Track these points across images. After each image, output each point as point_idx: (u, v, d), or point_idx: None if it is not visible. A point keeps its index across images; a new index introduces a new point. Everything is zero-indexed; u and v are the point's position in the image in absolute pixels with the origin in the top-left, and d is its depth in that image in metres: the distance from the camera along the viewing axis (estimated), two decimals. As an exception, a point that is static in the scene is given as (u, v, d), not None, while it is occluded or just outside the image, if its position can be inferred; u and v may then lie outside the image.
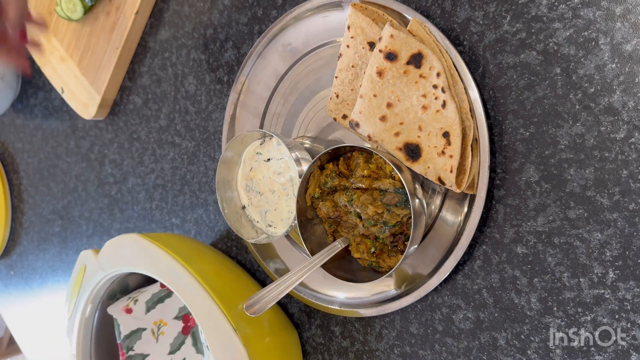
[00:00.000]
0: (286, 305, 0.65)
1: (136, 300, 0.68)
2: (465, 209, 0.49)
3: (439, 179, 0.47)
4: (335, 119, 0.55)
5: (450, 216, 0.50)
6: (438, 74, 0.46)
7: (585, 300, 0.43)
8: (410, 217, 0.46)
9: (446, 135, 0.46)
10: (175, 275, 0.57)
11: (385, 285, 0.54)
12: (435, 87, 0.46)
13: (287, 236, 0.63)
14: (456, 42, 0.49)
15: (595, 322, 0.43)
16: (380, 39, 0.48)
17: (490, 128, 0.47)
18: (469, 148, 0.46)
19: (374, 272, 0.52)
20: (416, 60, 0.47)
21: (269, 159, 0.60)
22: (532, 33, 0.45)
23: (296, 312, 0.64)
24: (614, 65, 0.42)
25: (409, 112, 0.48)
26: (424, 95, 0.47)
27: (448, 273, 0.48)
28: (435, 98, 0.46)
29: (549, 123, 0.45)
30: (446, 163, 0.46)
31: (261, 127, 0.64)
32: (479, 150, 0.46)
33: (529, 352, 0.47)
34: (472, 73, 0.46)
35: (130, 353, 0.66)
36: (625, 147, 0.41)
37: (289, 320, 0.64)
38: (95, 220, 0.91)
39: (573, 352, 0.44)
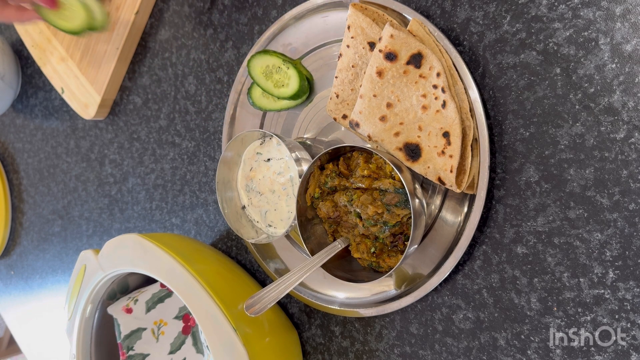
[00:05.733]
0: (286, 305, 0.65)
1: (136, 300, 0.68)
2: (465, 209, 0.49)
3: (439, 179, 0.47)
4: (335, 119, 0.55)
5: (450, 216, 0.50)
6: (438, 74, 0.46)
7: (585, 300, 0.43)
8: (410, 217, 0.46)
9: (446, 135, 0.46)
10: (175, 275, 0.57)
11: (385, 285, 0.54)
12: (435, 87, 0.46)
13: (287, 236, 0.63)
14: (456, 42, 0.49)
15: (595, 322, 0.43)
16: (380, 39, 0.48)
17: (490, 128, 0.47)
18: (469, 148, 0.46)
19: (374, 272, 0.52)
20: (416, 60, 0.47)
21: (269, 159, 0.60)
22: (532, 33, 0.45)
23: (296, 312, 0.64)
24: (614, 65, 0.42)
25: (408, 112, 0.48)
26: (424, 95, 0.47)
27: (448, 273, 0.48)
28: (435, 98, 0.46)
29: (549, 123, 0.45)
30: (446, 163, 0.46)
31: (261, 127, 0.64)
32: (479, 150, 0.46)
33: (529, 352, 0.47)
34: (472, 73, 0.46)
35: (131, 353, 0.66)
36: (625, 147, 0.41)
37: (289, 320, 0.64)
38: (95, 220, 0.91)
39: (573, 352, 0.44)
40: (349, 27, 0.51)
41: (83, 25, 0.62)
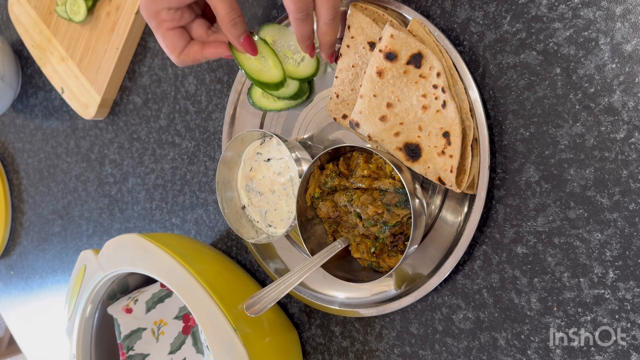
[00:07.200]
0: (286, 305, 0.65)
1: (136, 300, 0.68)
2: (465, 209, 0.49)
3: (439, 179, 0.47)
4: (335, 119, 0.55)
5: (450, 216, 0.50)
6: (438, 74, 0.46)
7: (585, 300, 0.43)
8: (410, 217, 0.46)
9: (446, 135, 0.46)
10: (175, 275, 0.57)
11: (385, 285, 0.54)
12: (435, 87, 0.46)
13: (287, 236, 0.63)
14: (456, 42, 0.49)
15: (595, 322, 0.43)
16: (380, 39, 0.48)
17: (490, 128, 0.47)
18: (469, 148, 0.46)
19: (374, 272, 0.52)
20: (416, 60, 0.47)
21: (269, 159, 0.60)
22: (532, 33, 0.45)
23: (296, 312, 0.64)
24: (614, 65, 0.42)
25: (408, 112, 0.48)
26: (424, 95, 0.47)
27: (448, 273, 0.48)
28: (435, 98, 0.46)
29: (549, 123, 0.45)
30: (446, 163, 0.46)
31: (261, 127, 0.64)
32: (479, 150, 0.46)
33: (529, 352, 0.47)
34: (472, 73, 0.46)
35: (131, 353, 0.66)
36: (625, 147, 0.41)
37: (289, 320, 0.64)
38: (95, 220, 0.91)
39: (573, 352, 0.44)
40: (349, 27, 0.51)
41: (271, 81, 0.57)
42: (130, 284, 0.72)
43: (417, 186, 0.48)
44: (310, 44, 0.52)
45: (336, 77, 0.53)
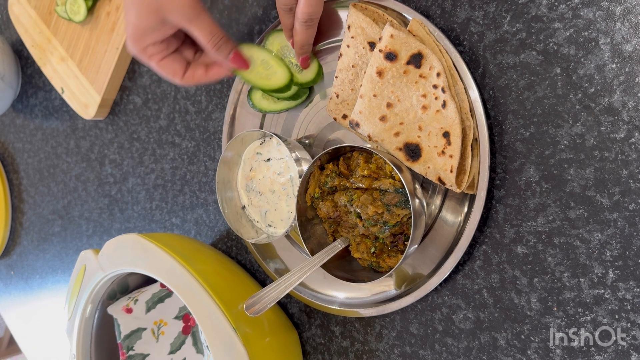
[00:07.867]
0: (286, 305, 0.65)
1: (136, 300, 0.68)
2: (465, 209, 0.49)
3: (439, 179, 0.47)
4: (335, 119, 0.55)
5: (450, 216, 0.50)
6: (438, 74, 0.46)
7: (585, 300, 0.43)
8: (410, 217, 0.46)
9: (446, 135, 0.46)
10: (175, 275, 0.57)
11: (385, 285, 0.54)
12: (435, 87, 0.46)
13: (287, 236, 0.63)
14: (456, 42, 0.49)
15: (595, 322, 0.43)
16: (380, 39, 0.48)
17: (490, 128, 0.47)
18: (469, 148, 0.46)
19: (374, 272, 0.52)
20: (416, 60, 0.47)
21: (269, 159, 0.60)
22: (532, 33, 0.45)
23: (296, 312, 0.64)
24: (614, 65, 0.42)
25: (409, 112, 0.48)
26: (424, 95, 0.47)
27: (448, 273, 0.48)
28: (435, 98, 0.46)
29: (549, 123, 0.45)
30: (446, 163, 0.46)
31: (261, 127, 0.64)
32: (479, 150, 0.46)
33: (529, 352, 0.47)
34: (472, 73, 0.46)
35: (131, 353, 0.66)
36: (625, 147, 0.41)
37: (289, 320, 0.64)
38: (95, 220, 0.91)
39: (573, 352, 0.44)
40: (349, 27, 0.51)
41: (283, 82, 0.57)
42: (130, 284, 0.72)
43: (417, 186, 0.48)
44: (292, 35, 0.54)
45: (336, 77, 0.53)
